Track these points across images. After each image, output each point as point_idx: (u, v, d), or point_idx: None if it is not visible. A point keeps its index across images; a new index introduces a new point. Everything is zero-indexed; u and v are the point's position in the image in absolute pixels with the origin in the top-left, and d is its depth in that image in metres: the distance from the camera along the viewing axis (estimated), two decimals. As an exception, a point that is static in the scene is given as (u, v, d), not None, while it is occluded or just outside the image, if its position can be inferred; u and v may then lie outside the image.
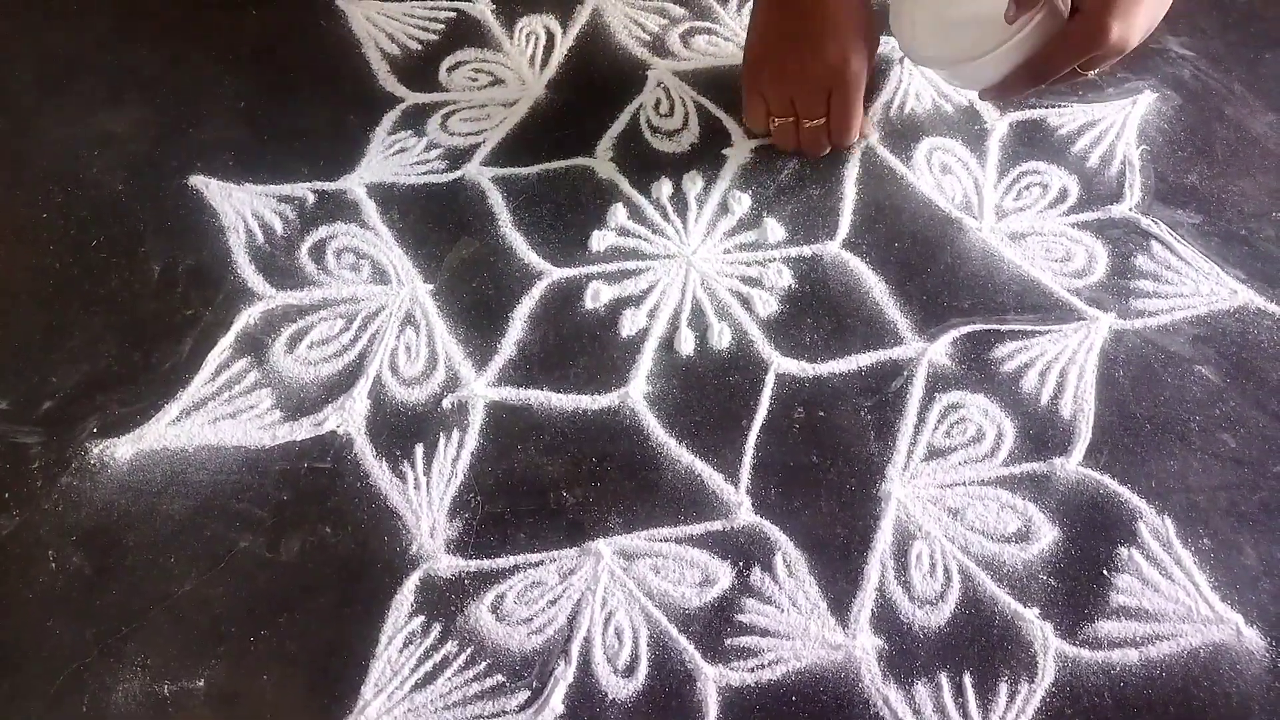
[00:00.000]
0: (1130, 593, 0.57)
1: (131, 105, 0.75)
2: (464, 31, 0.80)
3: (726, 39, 0.80)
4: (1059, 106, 0.77)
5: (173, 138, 0.73)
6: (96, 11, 0.80)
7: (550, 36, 0.80)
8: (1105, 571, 0.58)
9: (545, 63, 0.78)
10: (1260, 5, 0.84)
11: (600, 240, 0.70)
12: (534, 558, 0.58)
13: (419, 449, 0.61)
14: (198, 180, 0.71)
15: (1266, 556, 0.58)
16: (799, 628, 0.56)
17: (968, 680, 0.54)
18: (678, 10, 0.82)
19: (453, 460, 0.61)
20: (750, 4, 0.69)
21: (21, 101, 0.75)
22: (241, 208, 0.70)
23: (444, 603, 0.56)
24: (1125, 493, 0.60)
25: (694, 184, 0.72)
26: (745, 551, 0.58)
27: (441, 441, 0.61)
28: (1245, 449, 0.62)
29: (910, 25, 0.67)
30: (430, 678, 0.54)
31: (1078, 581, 0.57)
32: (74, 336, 0.64)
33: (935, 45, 0.66)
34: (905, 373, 0.64)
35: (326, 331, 0.65)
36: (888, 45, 0.78)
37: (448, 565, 0.57)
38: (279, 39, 0.78)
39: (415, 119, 0.75)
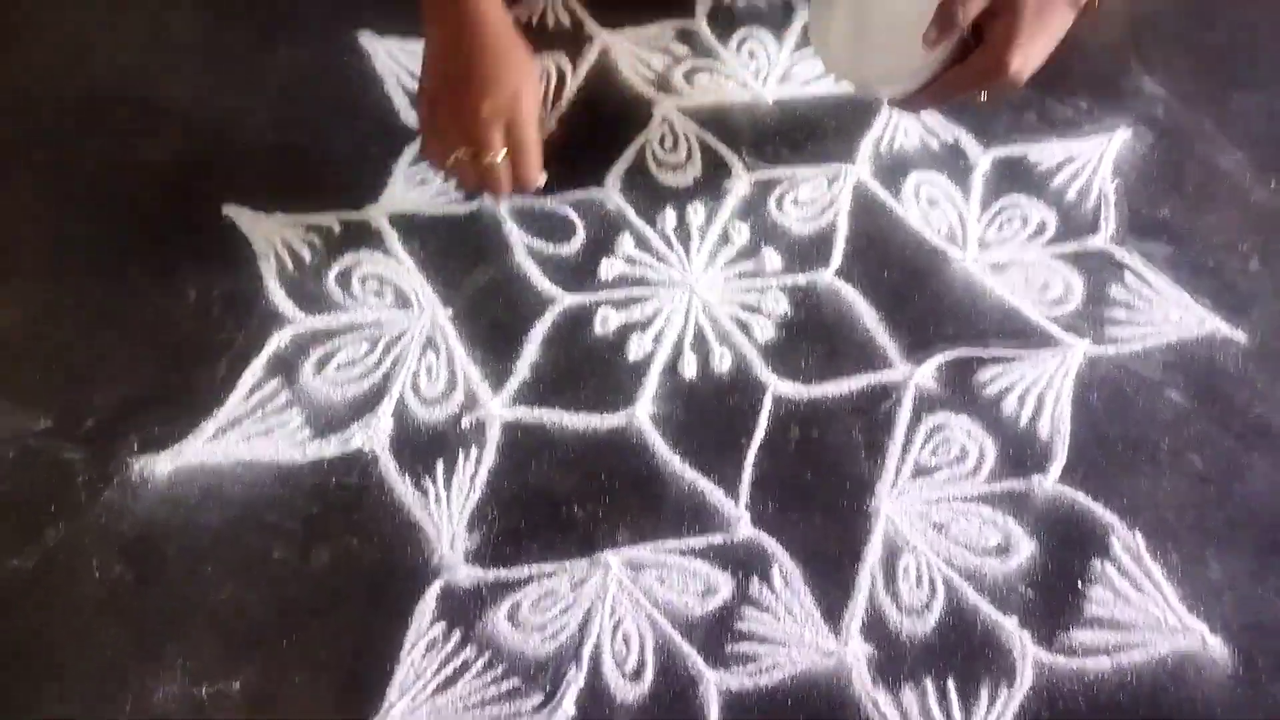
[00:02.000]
0: (1103, 603, 0.61)
1: (167, 137, 0.78)
2: (479, 69, 0.83)
3: (728, 76, 0.84)
4: (1039, 143, 0.81)
5: (205, 169, 0.76)
6: (133, 46, 0.83)
7: (561, 74, 0.83)
8: (1080, 583, 0.61)
9: (556, 99, 0.82)
10: (1229, 48, 0.88)
11: (609, 268, 0.73)
12: (547, 568, 0.61)
13: (440, 465, 0.64)
14: (230, 209, 0.73)
15: (1230, 570, 0.62)
16: (794, 635, 0.59)
17: (951, 685, 0.58)
18: (681, 49, 0.85)
19: (471, 476, 0.64)
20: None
21: (61, 134, 0.78)
22: (272, 236, 0.73)
23: (464, 610, 0.59)
24: (1098, 509, 0.64)
25: (697, 215, 0.76)
26: (744, 563, 0.61)
27: (461, 458, 0.65)
28: (1211, 469, 0.66)
29: (824, 44, 0.72)
30: (451, 681, 0.57)
31: (1054, 592, 0.61)
32: (114, 359, 0.67)
33: (852, 63, 0.71)
34: (894, 395, 0.68)
35: (352, 354, 0.68)
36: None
37: (467, 575, 0.61)
38: (306, 75, 0.81)
39: (434, 152, 0.78)
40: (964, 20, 0.62)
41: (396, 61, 0.83)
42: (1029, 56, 0.63)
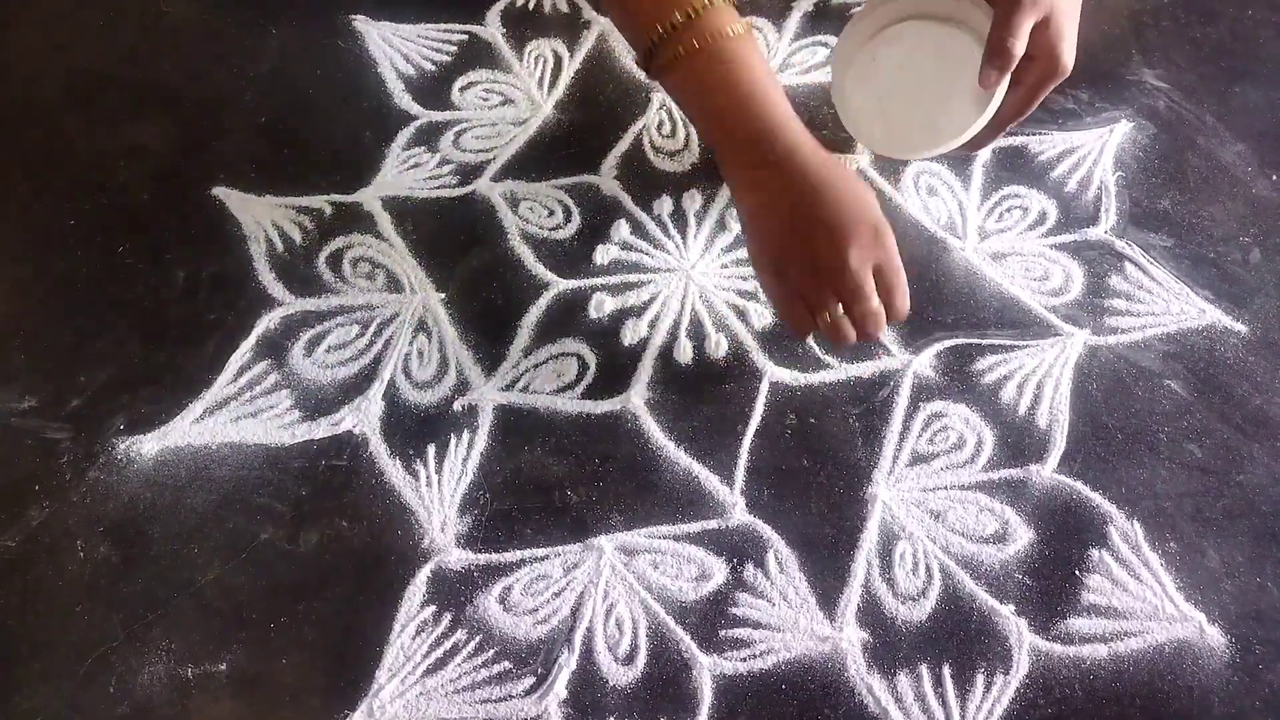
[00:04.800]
0: (1100, 592, 0.60)
1: (156, 119, 0.77)
2: (476, 53, 0.83)
3: (725, 64, 0.84)
4: (1039, 134, 0.81)
5: (196, 150, 0.76)
6: (122, 29, 0.83)
7: (558, 59, 0.83)
8: (1077, 572, 0.61)
9: (553, 84, 0.82)
10: (1231, 41, 0.88)
11: (604, 254, 0.73)
12: (540, 552, 0.61)
13: (431, 449, 0.64)
14: (220, 191, 0.73)
15: (1228, 560, 0.62)
16: (789, 620, 0.59)
17: (946, 671, 0.57)
18: (679, 36, 0.85)
19: (463, 460, 0.64)
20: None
21: (51, 114, 0.78)
22: (262, 218, 0.72)
23: (454, 593, 0.59)
24: (1097, 498, 0.63)
25: (693, 202, 0.76)
26: (739, 549, 0.61)
27: (452, 442, 0.64)
28: (1210, 459, 0.65)
29: (853, 122, 0.70)
30: (441, 663, 0.57)
31: (1051, 581, 0.61)
32: (101, 339, 0.67)
33: (891, 137, 0.69)
34: (892, 383, 0.68)
35: (343, 336, 0.68)
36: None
37: (458, 558, 0.60)
38: (298, 58, 0.81)
39: (429, 136, 0.78)
40: (1021, 47, 0.60)
41: (390, 45, 0.83)
42: (1072, 43, 0.62)
